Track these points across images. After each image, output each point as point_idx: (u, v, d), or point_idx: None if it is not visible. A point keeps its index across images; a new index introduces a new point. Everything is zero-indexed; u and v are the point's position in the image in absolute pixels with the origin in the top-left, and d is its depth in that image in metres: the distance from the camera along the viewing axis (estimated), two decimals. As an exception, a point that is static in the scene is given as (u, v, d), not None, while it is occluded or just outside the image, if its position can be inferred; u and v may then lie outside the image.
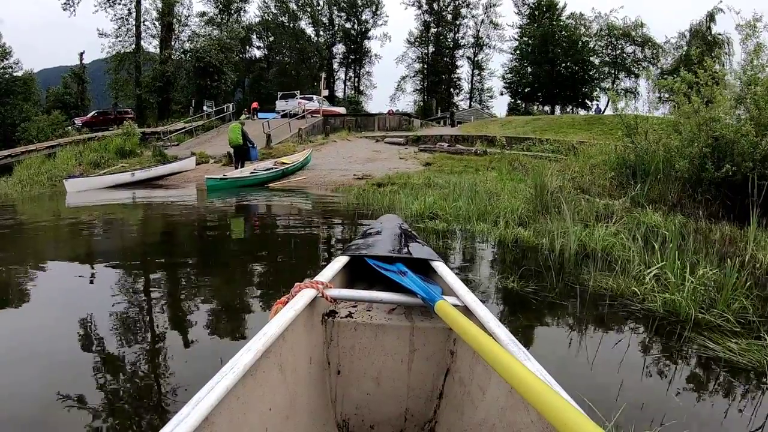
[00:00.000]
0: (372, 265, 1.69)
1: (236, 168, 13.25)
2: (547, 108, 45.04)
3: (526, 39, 43.56)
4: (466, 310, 1.36)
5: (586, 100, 43.55)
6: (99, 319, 2.51)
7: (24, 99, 28.39)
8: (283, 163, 13.47)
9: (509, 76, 45.29)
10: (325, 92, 27.93)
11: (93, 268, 3.85)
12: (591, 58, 42.86)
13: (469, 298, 1.39)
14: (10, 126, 25.75)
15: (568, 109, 43.22)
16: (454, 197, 6.61)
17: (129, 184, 13.26)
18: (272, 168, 13.01)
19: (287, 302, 1.28)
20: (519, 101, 45.73)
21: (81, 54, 35.19)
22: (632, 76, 43.17)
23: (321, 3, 47.82)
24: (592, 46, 43.18)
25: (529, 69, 43.05)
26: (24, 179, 14.14)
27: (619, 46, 43.08)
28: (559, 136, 17.85)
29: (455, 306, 1.31)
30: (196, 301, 2.86)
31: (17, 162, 16.19)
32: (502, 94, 47.16)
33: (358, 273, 1.91)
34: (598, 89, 43.78)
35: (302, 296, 1.32)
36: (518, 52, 44.21)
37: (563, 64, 41.44)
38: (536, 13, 43.64)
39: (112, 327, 2.40)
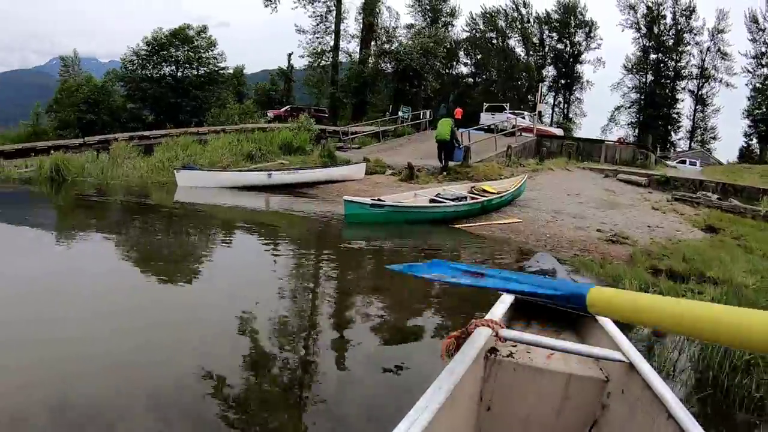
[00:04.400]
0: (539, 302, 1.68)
1: (440, 164, 11.26)
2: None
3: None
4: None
5: None
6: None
7: (226, 88, 29.13)
8: (485, 192, 7.97)
9: (759, 112, 35.13)
10: (542, 106, 21.78)
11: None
12: None
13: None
14: (207, 110, 26.40)
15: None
16: None
17: (264, 187, 9.48)
18: (466, 197, 7.62)
19: (460, 337, 1.37)
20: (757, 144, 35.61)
21: (289, 55, 36.46)
22: None
23: (531, 20, 43.89)
24: None
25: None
26: (154, 164, 11.79)
27: None
28: None
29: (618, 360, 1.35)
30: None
31: (158, 144, 14.27)
32: (747, 135, 37.28)
33: (518, 308, 1.87)
34: None
35: (480, 334, 1.38)
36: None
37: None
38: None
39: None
